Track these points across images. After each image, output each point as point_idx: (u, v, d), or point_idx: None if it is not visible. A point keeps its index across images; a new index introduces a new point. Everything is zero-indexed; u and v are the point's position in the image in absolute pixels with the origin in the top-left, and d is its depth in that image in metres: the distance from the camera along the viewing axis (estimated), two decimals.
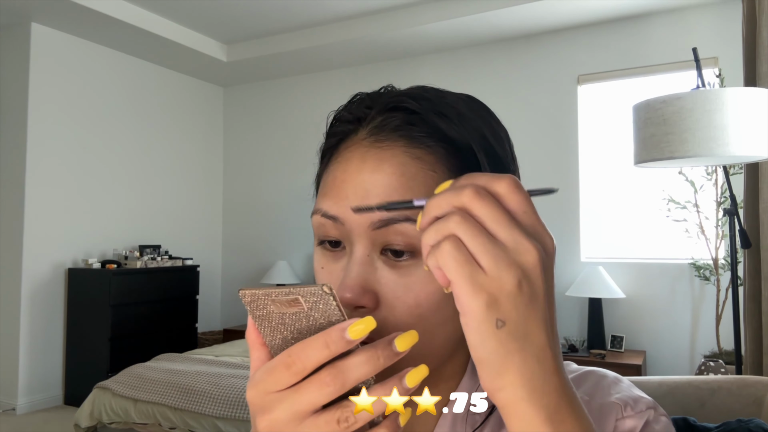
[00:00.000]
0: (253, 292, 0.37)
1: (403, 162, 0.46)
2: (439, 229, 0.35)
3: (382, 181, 0.45)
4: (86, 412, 3.02)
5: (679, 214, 3.60)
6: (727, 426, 0.96)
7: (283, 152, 5.23)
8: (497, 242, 0.34)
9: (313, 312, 0.37)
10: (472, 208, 0.35)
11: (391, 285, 0.45)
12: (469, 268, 0.34)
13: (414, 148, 0.47)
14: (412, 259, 0.45)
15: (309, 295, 0.36)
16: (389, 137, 0.47)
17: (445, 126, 0.47)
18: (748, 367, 2.08)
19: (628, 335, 3.80)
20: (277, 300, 0.37)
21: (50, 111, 4.09)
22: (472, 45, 4.43)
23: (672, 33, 3.79)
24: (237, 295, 5.36)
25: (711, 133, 1.61)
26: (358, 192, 0.46)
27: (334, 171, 0.49)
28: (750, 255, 2.09)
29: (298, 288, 0.36)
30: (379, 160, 0.46)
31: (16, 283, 3.92)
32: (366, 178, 0.46)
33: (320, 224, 0.48)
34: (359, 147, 0.48)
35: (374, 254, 0.45)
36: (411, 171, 0.46)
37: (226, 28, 4.50)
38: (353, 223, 0.45)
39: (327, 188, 0.49)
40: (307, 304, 0.37)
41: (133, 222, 4.66)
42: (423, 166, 0.46)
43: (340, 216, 0.46)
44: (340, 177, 0.48)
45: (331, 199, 0.47)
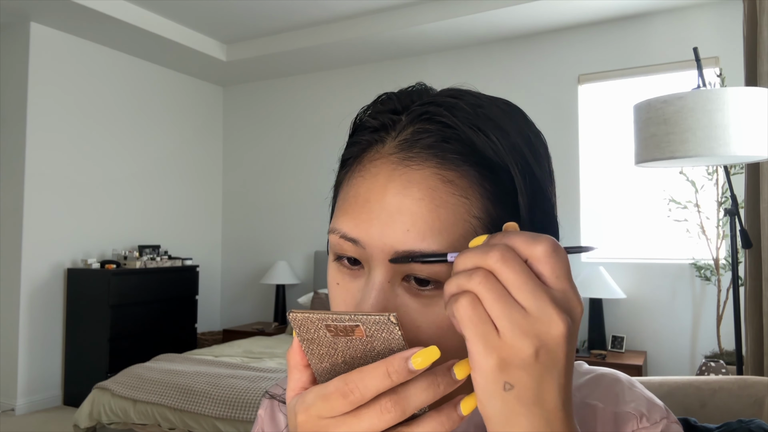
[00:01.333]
0: (305, 316, 0.36)
1: (433, 186, 0.43)
2: (460, 283, 0.35)
3: (410, 207, 0.42)
4: (85, 412, 3.02)
5: (680, 214, 3.59)
6: (728, 426, 0.96)
7: (282, 152, 5.23)
8: (518, 308, 0.34)
9: (372, 339, 0.36)
10: (497, 271, 0.34)
11: (411, 313, 0.43)
12: (483, 328, 0.34)
13: (446, 171, 0.43)
14: (437, 289, 0.43)
15: (371, 323, 0.35)
16: (420, 155, 0.43)
17: (482, 144, 0.44)
18: (749, 367, 2.08)
19: (629, 335, 3.79)
20: (332, 325, 0.36)
21: (49, 110, 4.08)
22: (472, 45, 4.43)
23: (673, 32, 3.78)
24: (237, 295, 5.40)
25: (712, 133, 1.61)
26: (382, 216, 0.43)
27: (357, 186, 0.45)
28: (751, 255, 2.09)
29: (360, 315, 0.35)
30: (407, 182, 0.43)
31: (15, 283, 3.91)
32: (392, 201, 0.43)
33: (339, 245, 0.45)
34: (386, 163, 0.44)
35: (395, 281, 0.43)
36: (441, 197, 0.42)
37: (226, 27, 4.49)
38: (376, 248, 0.43)
39: (348, 205, 0.45)
40: (367, 332, 0.36)
41: (132, 222, 4.65)
42: (455, 191, 0.43)
43: (361, 240, 0.43)
44: (363, 195, 0.44)
45: (353, 220, 0.44)
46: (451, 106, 0.45)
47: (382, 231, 0.42)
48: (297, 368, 0.39)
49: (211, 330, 5.24)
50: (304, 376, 0.39)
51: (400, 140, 0.45)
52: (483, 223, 0.43)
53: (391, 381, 0.34)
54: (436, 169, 0.43)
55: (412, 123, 0.45)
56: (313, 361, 0.38)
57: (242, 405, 2.66)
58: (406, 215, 0.42)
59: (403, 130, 0.45)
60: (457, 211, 0.42)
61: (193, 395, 2.78)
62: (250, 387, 2.77)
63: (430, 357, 0.35)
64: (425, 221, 0.42)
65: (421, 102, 0.46)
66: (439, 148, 0.43)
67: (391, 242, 0.42)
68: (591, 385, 0.52)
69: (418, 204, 0.42)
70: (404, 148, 0.44)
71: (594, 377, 0.53)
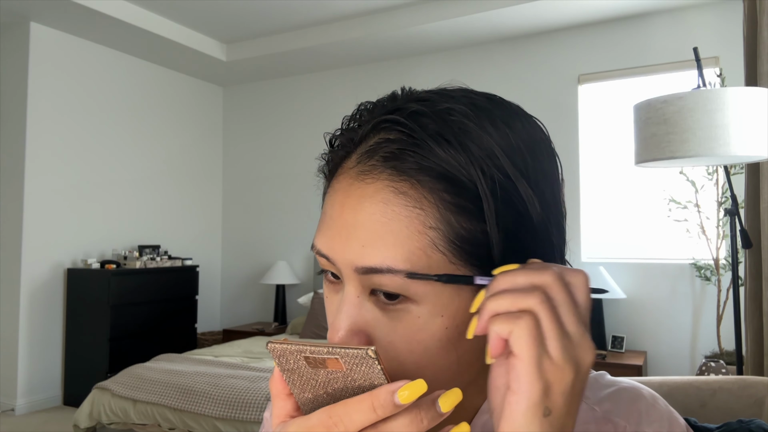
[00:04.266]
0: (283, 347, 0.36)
1: (385, 199, 0.41)
2: (517, 301, 0.34)
3: (364, 223, 0.42)
4: (85, 412, 3.02)
5: (680, 214, 3.59)
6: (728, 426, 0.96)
7: (282, 152, 5.23)
8: (567, 333, 0.34)
9: (352, 372, 0.35)
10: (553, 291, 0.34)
11: (382, 328, 0.42)
12: (539, 350, 0.34)
13: (399, 182, 0.41)
14: (405, 302, 0.41)
15: (350, 357, 0.35)
16: (375, 168, 0.42)
17: (442, 154, 0.41)
18: (749, 367, 2.08)
19: (629, 335, 3.79)
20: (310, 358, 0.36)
21: (49, 110, 4.08)
22: (472, 44, 4.43)
23: (673, 33, 3.78)
24: (237, 295, 5.40)
25: (712, 133, 1.61)
26: (342, 233, 0.43)
27: (326, 204, 0.46)
28: (751, 255, 2.09)
29: (338, 349, 0.35)
30: (360, 197, 0.42)
31: (15, 283, 3.91)
32: (348, 217, 0.43)
33: (319, 259, 0.46)
34: (346, 178, 0.44)
35: (363, 295, 0.43)
36: (394, 209, 0.41)
37: (226, 27, 4.49)
38: (341, 264, 0.43)
39: (321, 222, 0.46)
40: (346, 366, 0.35)
41: (132, 222, 4.65)
42: (407, 203, 0.41)
43: (330, 256, 0.44)
44: (329, 213, 0.45)
45: (323, 236, 0.45)
46: (415, 113, 0.42)
47: (343, 247, 0.42)
48: (280, 397, 0.39)
49: (211, 330, 5.24)
50: (288, 405, 0.39)
51: (360, 153, 0.44)
52: (442, 234, 0.41)
53: (376, 415, 0.34)
54: (388, 181, 0.42)
55: (374, 133, 0.44)
56: (295, 390, 0.38)
57: (242, 405, 2.66)
58: (360, 231, 0.42)
59: (364, 141, 0.44)
60: (411, 223, 0.41)
61: (193, 395, 2.78)
62: (250, 387, 2.77)
63: (417, 391, 0.34)
64: (378, 236, 0.41)
65: (386, 110, 0.44)
66: (395, 158, 0.42)
67: (350, 257, 0.42)
68: (614, 400, 0.51)
69: (370, 219, 0.41)
70: (361, 161, 0.43)
71: (616, 391, 0.52)
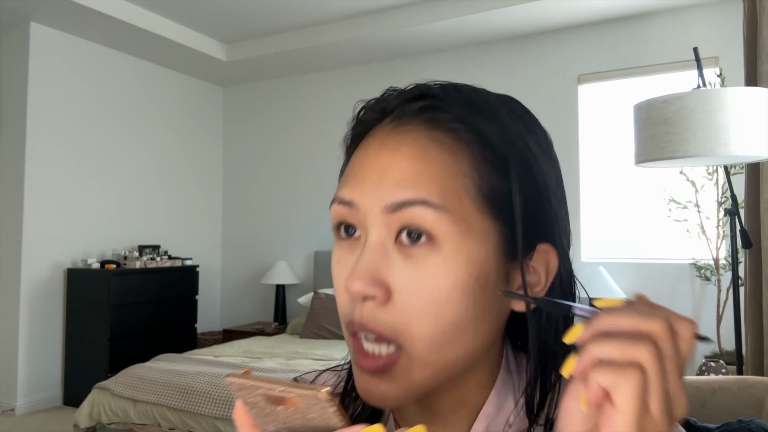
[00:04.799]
0: (242, 381, 0.35)
1: (423, 145, 0.44)
2: (626, 351, 0.32)
3: (399, 164, 0.44)
4: (85, 412, 3.02)
5: (680, 214, 3.59)
6: (728, 426, 0.96)
7: (282, 152, 5.22)
8: (669, 388, 0.32)
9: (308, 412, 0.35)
10: (661, 343, 0.32)
11: (403, 277, 0.42)
12: (642, 408, 0.31)
13: (436, 131, 0.45)
14: (429, 245, 0.42)
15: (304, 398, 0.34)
16: (411, 121, 0.46)
17: (472, 113, 0.45)
18: (749, 367, 2.08)
19: None
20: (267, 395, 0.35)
21: (49, 110, 4.08)
22: (472, 44, 4.43)
23: (672, 32, 3.78)
24: (237, 295, 5.40)
25: (712, 133, 1.61)
26: (374, 176, 0.44)
27: (355, 158, 0.48)
28: (751, 255, 2.09)
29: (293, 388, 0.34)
30: (398, 144, 0.45)
31: (15, 283, 3.91)
32: (383, 161, 0.44)
33: (337, 212, 0.46)
34: (380, 133, 0.47)
35: (389, 241, 0.43)
36: (431, 154, 0.44)
37: (226, 27, 4.49)
38: (369, 206, 0.44)
39: (346, 176, 0.47)
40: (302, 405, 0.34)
41: (132, 222, 4.65)
42: (444, 149, 0.44)
43: (354, 200, 0.45)
44: (359, 163, 0.46)
45: (348, 185, 0.46)
46: (446, 87, 0.48)
47: (374, 187, 0.44)
48: (244, 427, 0.39)
49: (211, 330, 5.24)
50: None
51: (394, 114, 0.47)
52: (474, 182, 0.44)
53: None
54: (426, 131, 0.45)
55: (405, 102, 0.47)
56: (258, 421, 0.37)
57: None
58: (396, 170, 0.43)
59: (396, 107, 0.48)
60: (446, 168, 0.43)
61: (193, 395, 2.78)
62: None
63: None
64: (415, 174, 0.43)
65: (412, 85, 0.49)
66: (429, 112, 0.45)
67: (382, 195, 0.43)
68: None
69: (408, 160, 0.44)
70: (396, 118, 0.47)
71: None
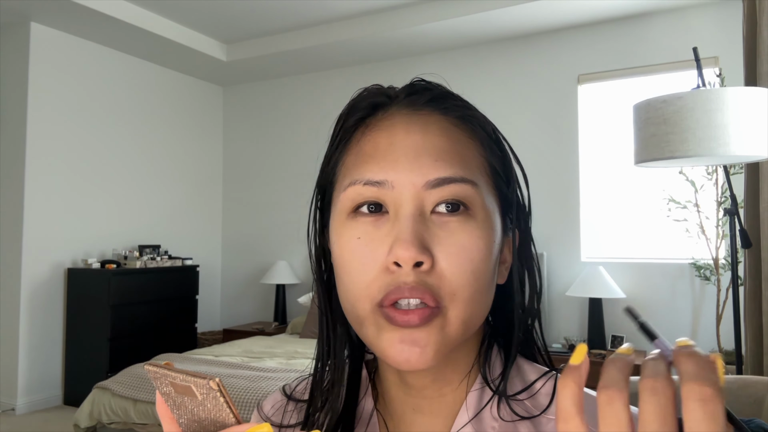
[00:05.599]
0: (155, 370, 0.37)
1: (447, 127, 0.48)
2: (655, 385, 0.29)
3: (434, 142, 0.46)
4: (86, 412, 3.02)
5: (680, 213, 3.60)
6: None
7: (282, 152, 5.23)
8: None
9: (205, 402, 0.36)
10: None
11: (445, 243, 0.44)
12: None
13: (449, 117, 0.49)
14: (465, 215, 0.45)
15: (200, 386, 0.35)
16: (427, 107, 0.49)
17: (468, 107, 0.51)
18: (749, 367, 2.08)
19: (629, 335, 3.79)
20: (174, 383, 0.36)
21: (49, 110, 4.08)
22: (472, 45, 4.43)
23: (672, 32, 3.78)
24: (237, 295, 5.40)
25: (711, 133, 1.61)
26: (409, 154, 0.46)
27: (375, 139, 0.48)
28: (750, 255, 2.09)
29: (190, 377, 0.35)
30: (426, 123, 0.48)
31: (16, 283, 3.91)
32: (416, 138, 0.46)
33: (360, 193, 0.46)
34: (400, 115, 0.49)
35: (426, 212, 0.45)
36: (455, 135, 0.48)
37: (226, 27, 4.49)
38: (405, 184, 0.45)
39: (367, 156, 0.47)
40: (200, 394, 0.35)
41: (132, 222, 4.65)
42: (463, 132, 0.49)
43: (388, 179, 0.45)
44: (386, 141, 0.47)
45: (377, 164, 0.46)
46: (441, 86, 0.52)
47: (412, 165, 0.45)
48: (165, 420, 0.40)
49: (211, 330, 5.24)
50: (173, 429, 0.39)
51: (405, 101, 0.50)
52: (487, 162, 0.49)
53: None
54: (443, 116, 0.49)
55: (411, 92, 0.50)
56: (174, 413, 0.38)
57: (242, 405, 2.66)
58: (431, 149, 0.46)
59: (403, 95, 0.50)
60: (469, 148, 0.48)
61: None
62: (250, 387, 2.77)
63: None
64: (449, 153, 0.46)
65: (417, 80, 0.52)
66: (440, 101, 0.49)
67: (422, 171, 0.45)
68: None
69: (440, 139, 0.47)
70: (410, 104, 0.49)
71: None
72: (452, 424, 0.49)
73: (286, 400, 0.58)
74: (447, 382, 0.50)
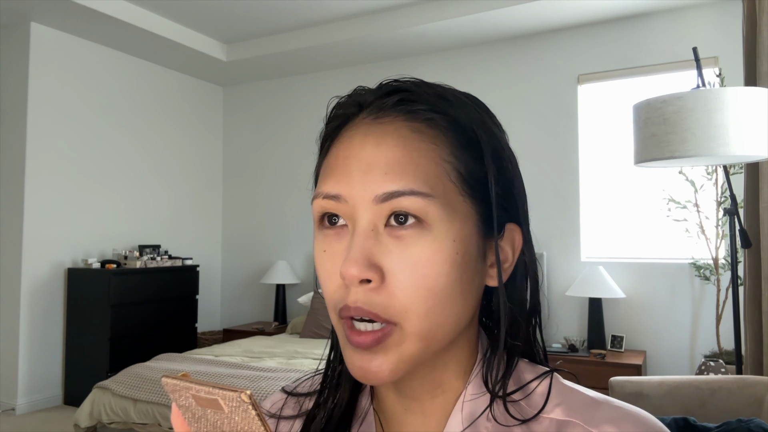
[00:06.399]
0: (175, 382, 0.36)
1: (404, 135, 0.46)
2: None
3: (385, 155, 0.45)
4: (86, 412, 3.02)
5: (680, 213, 3.60)
6: (727, 426, 0.96)
7: (282, 152, 5.23)
8: None
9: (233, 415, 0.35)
10: None
11: (396, 258, 0.44)
12: None
13: (415, 122, 0.47)
14: (418, 227, 0.44)
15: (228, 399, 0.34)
16: (389, 113, 0.48)
17: (444, 104, 0.48)
18: (749, 367, 2.08)
19: (629, 335, 3.79)
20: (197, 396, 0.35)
21: (49, 110, 4.08)
22: (472, 45, 4.43)
23: (672, 33, 3.79)
24: (237, 295, 5.39)
25: (711, 133, 1.61)
26: (361, 167, 0.45)
27: (336, 152, 0.48)
28: (750, 255, 2.09)
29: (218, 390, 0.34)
30: (381, 134, 0.46)
31: (16, 283, 3.91)
32: (369, 151, 0.46)
33: (322, 206, 0.47)
34: (360, 126, 0.48)
35: (379, 226, 0.45)
36: (413, 143, 0.46)
37: (226, 27, 4.50)
38: (358, 197, 0.45)
39: (329, 170, 0.48)
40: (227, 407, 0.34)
41: (132, 222, 4.65)
42: (424, 139, 0.46)
43: (342, 193, 0.45)
44: (343, 155, 0.47)
45: (333, 178, 0.47)
46: (414, 83, 0.50)
47: (363, 179, 0.45)
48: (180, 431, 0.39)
49: (211, 330, 5.25)
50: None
51: (370, 109, 0.49)
52: (454, 167, 0.46)
53: None
54: (405, 121, 0.47)
55: (380, 97, 0.49)
56: (192, 426, 0.37)
57: None
58: (382, 161, 0.45)
59: (372, 103, 0.49)
60: (428, 155, 0.46)
61: None
62: (250, 386, 2.77)
63: None
64: (401, 164, 0.45)
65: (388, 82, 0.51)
66: (406, 104, 0.48)
67: (371, 186, 0.44)
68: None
69: (392, 150, 0.45)
70: (374, 111, 0.48)
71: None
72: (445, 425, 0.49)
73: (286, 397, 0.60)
74: (437, 385, 0.50)
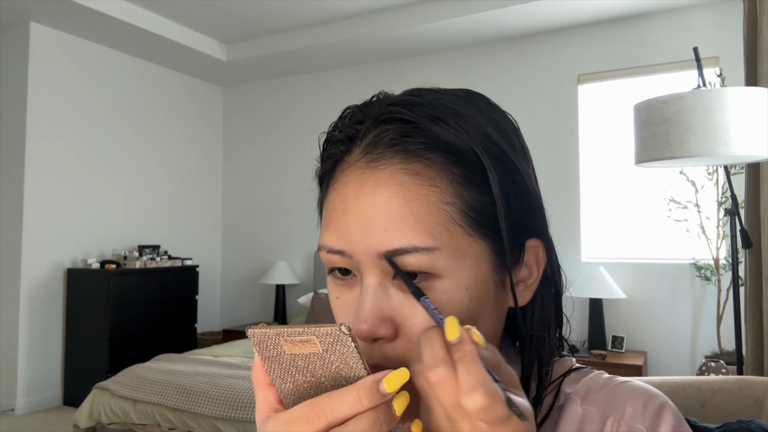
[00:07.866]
0: (263, 331, 0.35)
1: (401, 181, 0.43)
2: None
3: (382, 207, 0.43)
4: (85, 412, 3.02)
5: (680, 214, 3.59)
6: (728, 427, 0.95)
7: (282, 152, 5.23)
8: None
9: (328, 354, 0.35)
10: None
11: (407, 311, 0.43)
12: None
13: (411, 163, 0.44)
14: (427, 279, 0.43)
15: (325, 336, 0.34)
16: (384, 154, 0.45)
17: (443, 132, 0.44)
18: (749, 367, 2.08)
19: (629, 335, 3.79)
20: (289, 340, 0.35)
21: (49, 110, 4.08)
22: (472, 45, 4.43)
23: (673, 32, 3.78)
24: (237, 295, 5.39)
25: (712, 133, 1.61)
26: (359, 222, 0.44)
27: (333, 200, 0.47)
28: (751, 255, 2.09)
29: (313, 328, 0.34)
30: (375, 183, 0.44)
31: (15, 283, 3.91)
32: (365, 205, 0.44)
33: (329, 260, 0.46)
34: (354, 170, 0.46)
35: (386, 281, 0.44)
36: (411, 190, 0.43)
37: (226, 27, 4.49)
38: (360, 254, 0.44)
39: (329, 220, 0.47)
40: (322, 346, 0.35)
41: (132, 222, 4.65)
42: (423, 182, 0.43)
43: (346, 250, 0.44)
44: (340, 206, 0.45)
45: (335, 232, 0.45)
46: (408, 103, 0.46)
47: (362, 235, 0.43)
48: (261, 387, 0.39)
49: (211, 330, 5.24)
50: (270, 396, 0.39)
51: (364, 145, 0.46)
52: (458, 207, 0.44)
53: (361, 405, 0.34)
54: (401, 164, 0.44)
55: (373, 127, 0.46)
56: (276, 380, 0.37)
57: (242, 405, 2.66)
58: (380, 215, 0.43)
59: (365, 135, 0.46)
60: (429, 201, 0.43)
61: (193, 395, 2.78)
62: (250, 387, 2.76)
63: (401, 379, 0.35)
64: (399, 217, 0.43)
65: (381, 106, 0.47)
66: (401, 143, 0.44)
67: (372, 244, 0.43)
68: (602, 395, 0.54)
69: (389, 202, 0.43)
70: (369, 151, 0.45)
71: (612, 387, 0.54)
72: None
73: None
74: None
